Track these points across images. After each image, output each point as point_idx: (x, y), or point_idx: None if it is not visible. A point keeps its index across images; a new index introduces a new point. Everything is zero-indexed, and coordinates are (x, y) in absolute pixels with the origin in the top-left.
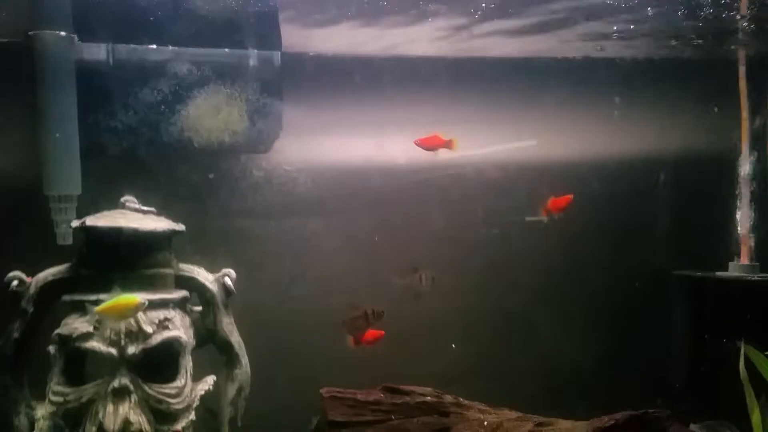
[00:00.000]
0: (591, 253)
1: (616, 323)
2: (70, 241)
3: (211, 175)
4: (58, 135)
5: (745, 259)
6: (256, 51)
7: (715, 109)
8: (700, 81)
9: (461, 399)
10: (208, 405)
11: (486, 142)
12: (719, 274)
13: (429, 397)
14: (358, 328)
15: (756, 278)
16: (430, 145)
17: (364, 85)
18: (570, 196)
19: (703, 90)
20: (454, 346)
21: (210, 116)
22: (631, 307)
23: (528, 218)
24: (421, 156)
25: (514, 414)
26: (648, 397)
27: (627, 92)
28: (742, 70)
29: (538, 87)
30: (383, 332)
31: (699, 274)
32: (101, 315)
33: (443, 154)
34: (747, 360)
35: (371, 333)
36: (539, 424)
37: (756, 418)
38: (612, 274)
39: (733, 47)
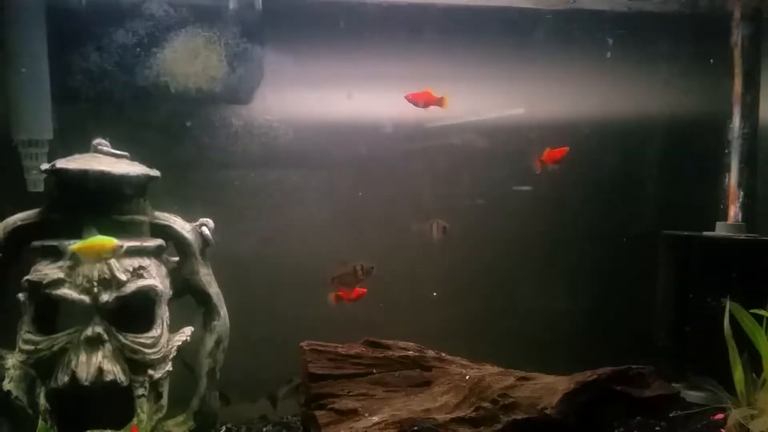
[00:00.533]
0: (580, 211)
1: (602, 281)
2: (41, 188)
3: (188, 123)
4: (27, 77)
5: (732, 219)
6: None
7: (711, 61)
8: (693, 36)
9: (443, 354)
10: (185, 359)
11: (475, 101)
12: (706, 233)
13: (411, 352)
14: (347, 284)
15: (742, 238)
16: (421, 101)
17: (352, 33)
18: (566, 149)
19: (696, 45)
20: (435, 294)
21: (187, 60)
22: (618, 266)
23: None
24: (409, 111)
25: (496, 369)
26: (632, 355)
27: (620, 48)
28: (736, 22)
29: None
30: (365, 290)
31: (686, 233)
32: (76, 254)
33: (434, 111)
34: (732, 319)
35: (354, 291)
36: (521, 378)
37: (738, 374)
38: (599, 233)
39: None
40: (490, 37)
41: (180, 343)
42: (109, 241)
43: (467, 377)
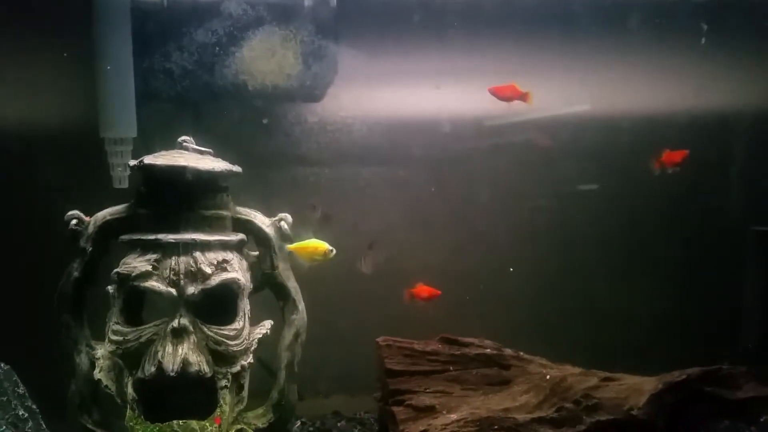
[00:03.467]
0: (660, 209)
1: (685, 280)
2: (126, 184)
3: (265, 120)
4: (113, 76)
5: None
6: None
7: None
8: None
9: (521, 353)
10: (260, 355)
11: (559, 96)
12: None
13: (488, 350)
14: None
15: None
16: (504, 95)
17: (425, 28)
18: (686, 151)
19: None
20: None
21: (264, 58)
22: (702, 264)
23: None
24: (486, 106)
25: (577, 369)
26: (717, 357)
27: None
28: None
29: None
30: (439, 291)
31: None
32: (292, 253)
33: (517, 107)
34: None
35: (426, 290)
36: (605, 379)
37: None
38: (684, 230)
39: None
40: (578, 28)
41: (261, 335)
42: (321, 245)
43: (548, 377)
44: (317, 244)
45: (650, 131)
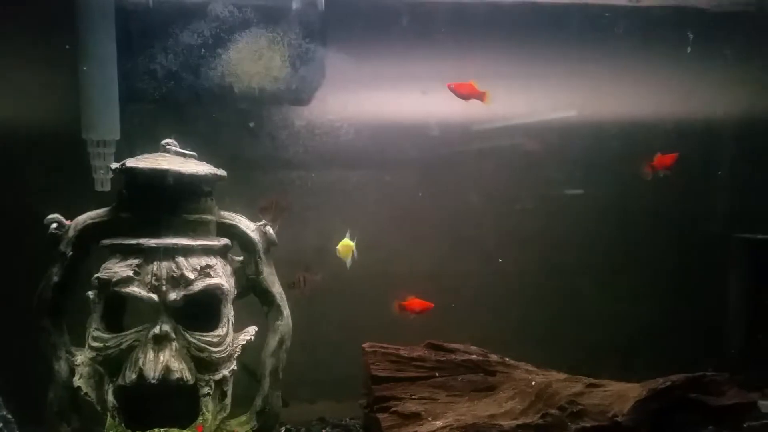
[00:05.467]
0: (646, 215)
1: (670, 286)
2: (108, 187)
3: (251, 123)
4: (96, 77)
5: None
6: None
7: None
8: None
9: (507, 359)
10: (245, 361)
11: (546, 101)
12: None
13: (474, 356)
14: (266, 214)
15: None
16: (462, 92)
17: (413, 32)
18: (676, 154)
19: None
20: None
21: (251, 61)
22: (686, 271)
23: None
24: (475, 111)
25: (562, 375)
26: (702, 363)
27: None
28: None
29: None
30: (432, 304)
31: (760, 236)
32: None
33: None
34: None
35: (418, 303)
36: (590, 385)
37: None
38: (667, 237)
39: None
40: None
41: (244, 342)
42: (350, 243)
43: (533, 383)
44: (348, 242)
45: (638, 137)
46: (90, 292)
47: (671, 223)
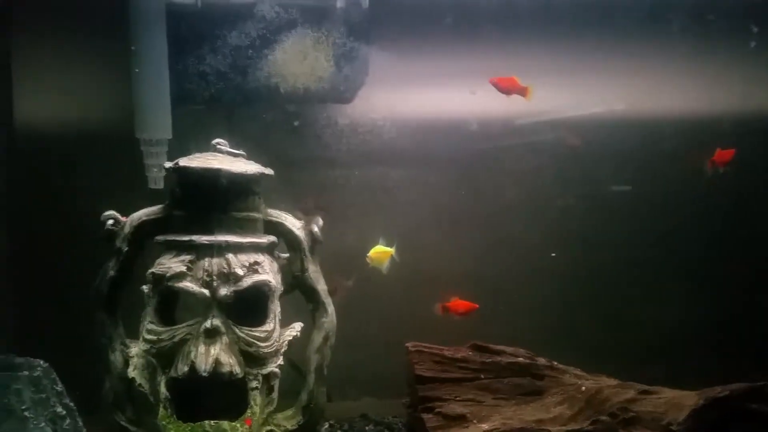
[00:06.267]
0: (698, 215)
1: (725, 291)
2: (161, 185)
3: (296, 122)
4: (150, 78)
5: None
6: None
7: None
8: None
9: (555, 362)
10: (290, 357)
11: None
12: None
13: (521, 358)
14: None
15: None
16: (504, 87)
17: (457, 30)
18: (733, 150)
19: None
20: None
21: (296, 61)
22: (742, 274)
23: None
24: (518, 107)
25: (613, 381)
26: (755, 371)
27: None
28: None
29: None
30: (476, 305)
31: None
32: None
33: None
34: None
35: (463, 304)
36: (643, 392)
37: None
38: (720, 238)
39: None
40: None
41: (291, 338)
42: (387, 249)
43: (583, 388)
44: (387, 250)
45: (690, 134)
46: (144, 287)
47: (725, 224)
